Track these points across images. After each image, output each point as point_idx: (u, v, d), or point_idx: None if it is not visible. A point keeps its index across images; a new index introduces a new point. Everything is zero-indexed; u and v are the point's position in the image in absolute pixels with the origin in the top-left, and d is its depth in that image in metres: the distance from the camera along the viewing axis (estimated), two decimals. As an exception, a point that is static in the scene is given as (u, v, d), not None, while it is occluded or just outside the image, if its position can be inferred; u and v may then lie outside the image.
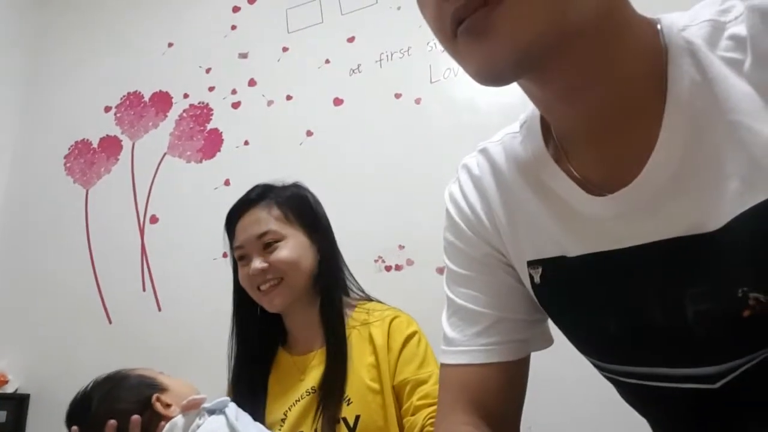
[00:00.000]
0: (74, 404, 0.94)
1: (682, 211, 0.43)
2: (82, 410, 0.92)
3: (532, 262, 0.55)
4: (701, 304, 0.43)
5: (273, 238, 1.03)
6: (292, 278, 1.03)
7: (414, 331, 1.02)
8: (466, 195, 0.61)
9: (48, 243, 2.28)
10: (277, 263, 1.02)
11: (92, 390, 0.94)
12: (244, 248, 1.05)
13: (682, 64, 0.43)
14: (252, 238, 1.04)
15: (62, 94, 2.50)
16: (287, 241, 1.04)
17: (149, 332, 2.00)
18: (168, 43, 2.37)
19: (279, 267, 1.02)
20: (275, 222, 1.05)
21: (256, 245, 1.03)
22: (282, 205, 1.07)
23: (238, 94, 2.18)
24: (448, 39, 0.44)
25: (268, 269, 1.02)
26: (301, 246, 1.05)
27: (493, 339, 0.57)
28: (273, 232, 1.03)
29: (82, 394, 0.94)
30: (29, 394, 2.07)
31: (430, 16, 0.46)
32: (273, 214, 1.05)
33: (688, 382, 0.47)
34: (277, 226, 1.04)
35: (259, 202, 1.07)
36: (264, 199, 1.07)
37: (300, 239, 1.06)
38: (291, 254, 1.03)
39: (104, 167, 2.30)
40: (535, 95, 0.49)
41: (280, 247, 1.03)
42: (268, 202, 1.07)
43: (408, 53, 1.97)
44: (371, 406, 0.95)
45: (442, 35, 0.45)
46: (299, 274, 1.03)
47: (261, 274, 1.02)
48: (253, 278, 1.03)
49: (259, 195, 1.08)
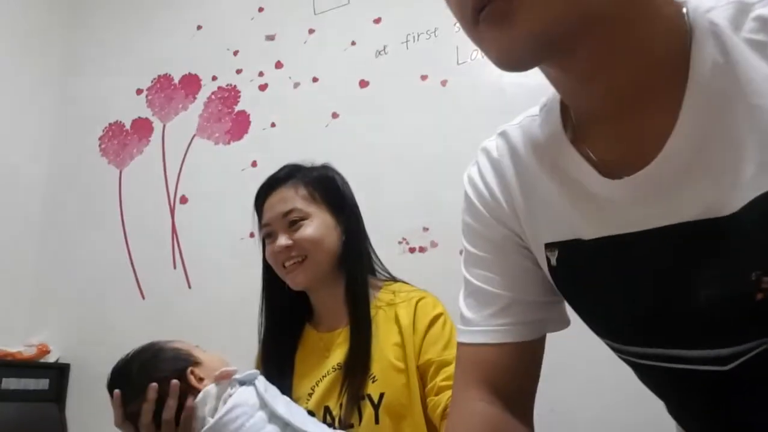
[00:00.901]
0: (116, 371, 0.98)
1: (698, 194, 0.43)
2: (123, 376, 0.97)
3: (549, 245, 0.56)
4: (714, 288, 0.44)
5: (298, 216, 1.05)
6: (315, 256, 1.04)
7: (440, 312, 1.03)
8: (485, 178, 0.61)
9: (85, 222, 2.36)
10: (301, 241, 1.04)
11: (133, 358, 0.98)
12: (270, 226, 1.07)
13: (706, 45, 0.42)
14: (278, 215, 1.06)
15: (96, 77, 2.55)
16: (312, 220, 1.05)
17: (180, 308, 2.06)
18: (197, 26, 2.40)
19: (303, 245, 1.04)
20: (301, 201, 1.06)
21: (282, 223, 1.05)
22: (308, 184, 1.08)
23: (265, 76, 2.20)
24: (470, 25, 0.44)
25: (293, 246, 1.04)
26: (326, 225, 1.07)
27: (508, 320, 0.58)
28: (298, 211, 1.05)
29: (123, 362, 0.99)
30: (69, 363, 2.17)
31: (452, 2, 0.46)
32: (299, 193, 1.07)
33: (701, 363, 0.47)
34: (302, 205, 1.06)
35: (287, 181, 1.09)
36: (291, 178, 1.09)
37: (325, 218, 1.07)
38: (315, 232, 1.04)
39: (136, 148, 2.36)
40: (554, 78, 0.49)
41: (305, 225, 1.04)
42: (295, 182, 1.08)
43: (435, 34, 1.95)
44: (395, 384, 0.97)
45: (463, 21, 0.45)
46: (323, 253, 1.05)
47: (285, 251, 1.04)
48: (278, 255, 1.05)
49: (287, 174, 1.10)
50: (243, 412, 0.88)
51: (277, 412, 0.89)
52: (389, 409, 0.96)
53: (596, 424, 1.39)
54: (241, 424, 0.87)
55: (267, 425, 0.88)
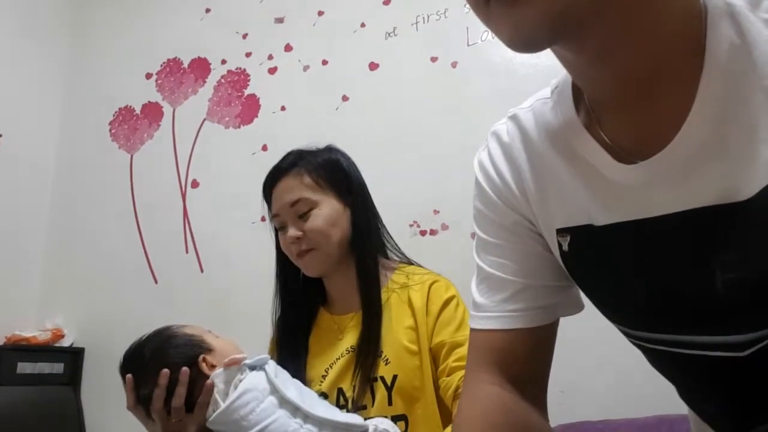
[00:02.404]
0: (128, 355, 0.99)
1: (714, 178, 0.42)
2: (135, 361, 0.98)
3: (560, 230, 0.55)
4: (731, 272, 0.43)
5: (306, 206, 1.05)
6: (326, 246, 1.04)
7: (453, 295, 1.04)
8: (496, 163, 0.60)
9: (97, 207, 2.37)
10: (311, 232, 1.04)
11: (145, 342, 0.99)
12: (280, 216, 1.08)
13: (722, 26, 0.41)
14: (285, 206, 1.06)
15: (105, 61, 2.56)
16: (320, 209, 1.05)
17: (192, 292, 2.08)
18: (205, 9, 2.38)
19: (312, 236, 1.04)
20: (307, 189, 1.06)
21: (290, 213, 1.06)
22: (313, 171, 1.08)
23: (274, 59, 2.19)
24: (480, 5, 0.43)
25: (303, 237, 1.04)
26: (335, 211, 1.06)
27: (519, 305, 0.58)
28: (305, 200, 1.05)
29: (136, 346, 0.99)
30: (84, 347, 2.20)
31: None
32: (305, 182, 1.06)
33: (716, 350, 0.47)
34: (309, 194, 1.05)
35: (291, 170, 1.08)
36: (295, 166, 1.08)
37: (333, 204, 1.07)
38: (324, 222, 1.04)
39: (147, 133, 2.37)
40: (567, 60, 0.48)
41: (314, 216, 1.04)
42: (299, 170, 1.08)
43: (445, 15, 1.93)
44: (408, 366, 0.98)
45: (474, 2, 0.44)
46: (333, 241, 1.05)
47: (296, 242, 1.04)
48: (289, 246, 1.06)
49: (290, 163, 1.09)
50: (254, 397, 0.88)
51: (287, 397, 0.90)
52: (402, 391, 0.97)
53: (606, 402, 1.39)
54: (251, 408, 0.87)
55: (277, 410, 0.89)
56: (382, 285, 1.06)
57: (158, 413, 0.92)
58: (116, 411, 1.10)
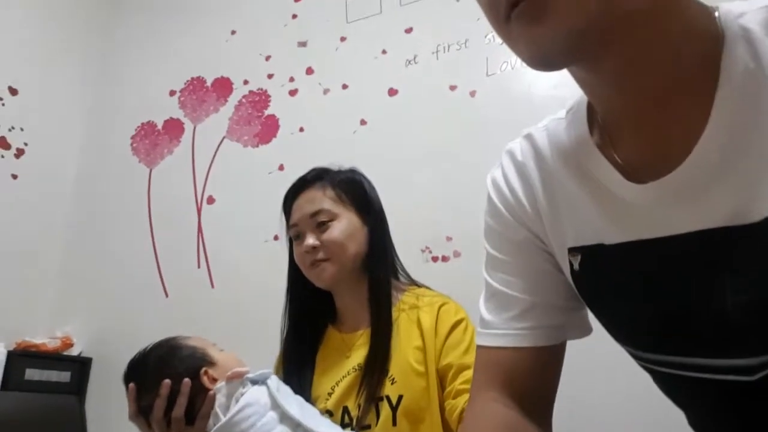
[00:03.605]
0: (132, 364, 1.00)
1: (725, 200, 0.42)
2: (138, 370, 0.98)
3: (572, 249, 0.55)
4: (740, 295, 0.43)
5: (326, 216, 1.06)
6: (341, 257, 1.05)
7: (462, 318, 1.03)
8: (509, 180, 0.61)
9: (114, 218, 2.40)
10: (328, 242, 1.05)
11: (150, 352, 1.00)
12: (298, 226, 1.09)
13: (737, 50, 0.42)
14: (306, 216, 1.07)
15: (132, 76, 2.62)
16: (340, 221, 1.07)
17: (202, 307, 2.08)
18: (231, 31, 2.44)
19: (330, 246, 1.05)
20: (329, 201, 1.08)
21: (310, 223, 1.07)
22: (336, 186, 1.10)
23: (295, 81, 2.23)
24: (501, 22, 0.44)
25: (320, 247, 1.05)
26: (353, 226, 1.08)
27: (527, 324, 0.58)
28: (326, 211, 1.06)
29: (140, 356, 1.00)
30: (92, 357, 2.20)
31: None
32: (327, 194, 1.09)
33: (725, 373, 0.46)
34: (330, 206, 1.07)
35: (315, 182, 1.11)
36: (320, 180, 1.11)
37: (352, 220, 1.08)
38: (342, 234, 1.06)
39: (167, 148, 2.41)
40: (583, 80, 0.49)
41: (333, 227, 1.06)
42: (323, 183, 1.10)
43: (465, 45, 1.95)
44: (415, 387, 0.97)
45: (494, 18, 0.45)
46: (349, 254, 1.06)
47: (312, 251, 1.05)
48: (305, 255, 1.06)
49: (315, 176, 1.12)
50: (254, 412, 0.88)
51: (289, 412, 0.89)
52: (407, 412, 0.96)
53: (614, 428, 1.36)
54: (252, 423, 0.87)
55: (278, 425, 0.89)
56: (393, 304, 1.06)
57: (158, 424, 0.92)
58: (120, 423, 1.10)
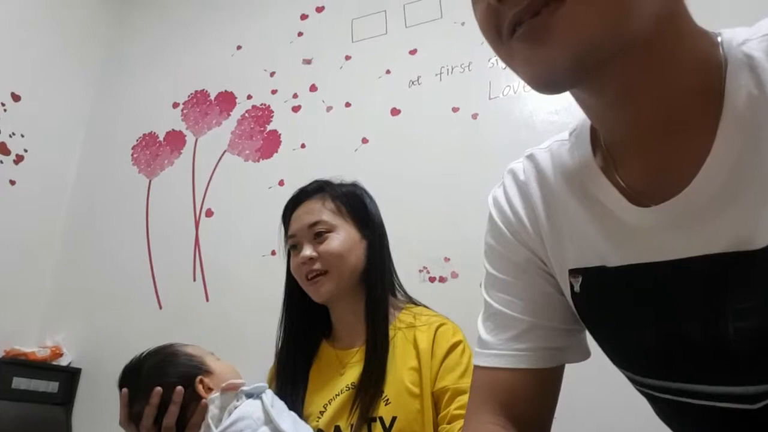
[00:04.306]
0: (127, 369, 0.98)
1: (728, 226, 0.42)
2: (132, 375, 0.97)
3: (573, 271, 0.55)
4: (743, 321, 0.42)
5: (324, 228, 1.05)
6: (338, 270, 1.04)
7: (459, 340, 1.01)
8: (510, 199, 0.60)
9: (110, 227, 2.39)
10: (326, 254, 1.04)
11: (145, 358, 0.98)
12: (296, 237, 1.08)
13: (741, 77, 0.42)
14: (304, 227, 1.06)
15: (135, 88, 2.63)
16: (338, 233, 1.06)
17: (196, 320, 2.06)
18: (237, 46, 2.47)
19: (327, 258, 1.04)
20: (328, 213, 1.07)
21: (308, 234, 1.06)
22: (336, 198, 1.09)
23: (299, 98, 2.24)
24: (500, 42, 0.44)
25: (317, 258, 1.04)
26: (351, 239, 1.07)
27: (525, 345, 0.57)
28: (324, 223, 1.06)
29: (135, 361, 0.99)
30: (81, 368, 2.17)
31: (481, 18, 0.45)
32: (327, 206, 1.08)
33: (727, 401, 0.45)
34: (329, 217, 1.07)
35: (315, 194, 1.10)
36: (320, 191, 1.11)
37: (351, 233, 1.07)
38: (340, 246, 1.04)
39: (167, 160, 2.41)
40: (586, 103, 0.49)
41: (331, 238, 1.05)
42: (323, 195, 1.10)
43: (468, 68, 1.97)
44: (409, 408, 0.95)
45: (494, 38, 0.45)
46: (346, 267, 1.05)
47: (309, 262, 1.04)
48: (301, 267, 1.05)
49: (316, 188, 1.12)
50: (247, 426, 0.87)
51: (281, 428, 0.88)
52: None
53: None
54: None
55: None
56: (390, 322, 1.05)
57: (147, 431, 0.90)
58: (107, 435, 1.08)
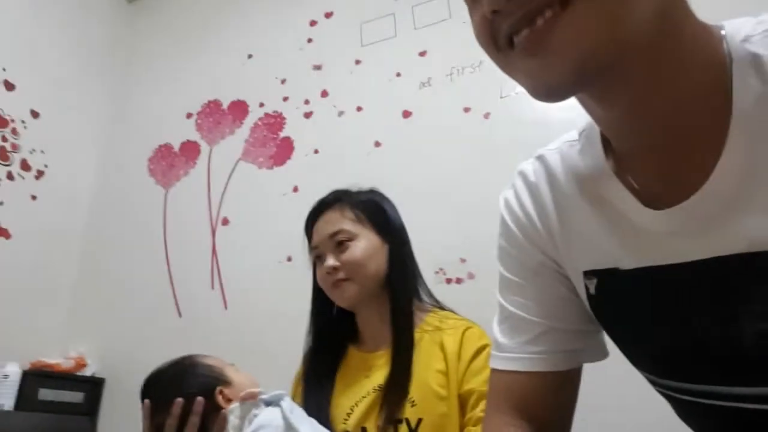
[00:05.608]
0: (148, 381, 1.00)
1: (741, 227, 0.42)
2: (154, 386, 0.98)
3: (587, 273, 0.54)
4: (760, 323, 0.42)
5: (345, 236, 1.07)
6: (362, 277, 1.05)
7: (486, 343, 1.01)
8: (522, 201, 0.60)
9: (128, 239, 2.42)
10: (348, 262, 1.05)
11: (166, 370, 1.00)
12: (319, 248, 1.10)
13: (747, 76, 0.41)
14: (325, 237, 1.08)
15: (151, 99, 2.67)
16: (359, 241, 1.07)
17: (215, 328, 2.08)
18: (248, 55, 2.49)
19: (349, 266, 1.05)
20: (348, 222, 1.09)
21: (329, 244, 1.08)
22: (355, 206, 1.11)
23: (310, 104, 2.25)
24: (498, 50, 0.44)
25: (340, 268, 1.05)
26: (373, 246, 1.08)
27: (542, 348, 0.57)
28: (345, 231, 1.07)
29: (156, 372, 1.00)
30: (104, 378, 2.20)
31: (477, 30, 0.45)
32: (346, 215, 1.09)
33: (745, 402, 0.45)
34: (349, 226, 1.08)
35: (334, 204, 1.12)
36: (338, 201, 1.12)
37: (372, 239, 1.09)
38: (362, 254, 1.06)
39: (183, 170, 2.44)
40: (592, 110, 0.48)
41: (352, 247, 1.06)
42: (342, 205, 1.11)
43: (479, 68, 1.97)
44: (435, 411, 0.95)
45: (491, 49, 0.45)
46: (369, 273, 1.06)
47: (333, 272, 1.06)
48: (326, 277, 1.07)
49: (334, 198, 1.13)
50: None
51: None
52: None
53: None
54: None
55: None
56: (415, 325, 1.05)
57: None
58: (132, 444, 1.09)
